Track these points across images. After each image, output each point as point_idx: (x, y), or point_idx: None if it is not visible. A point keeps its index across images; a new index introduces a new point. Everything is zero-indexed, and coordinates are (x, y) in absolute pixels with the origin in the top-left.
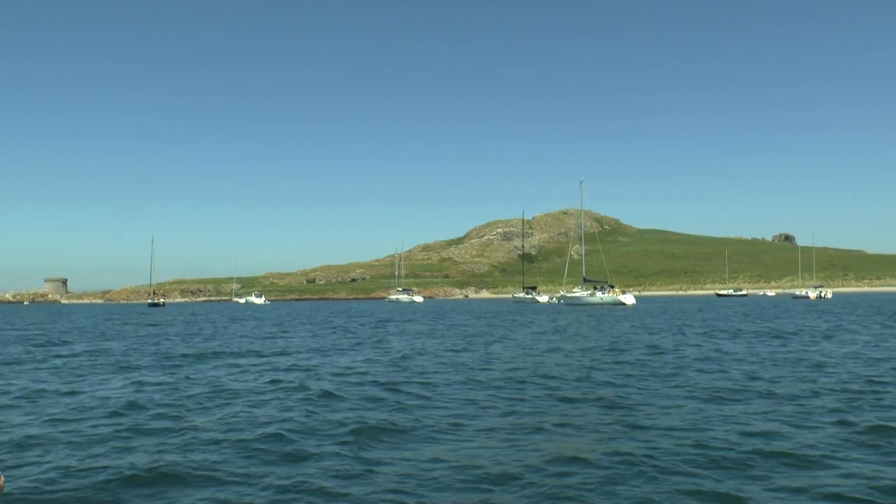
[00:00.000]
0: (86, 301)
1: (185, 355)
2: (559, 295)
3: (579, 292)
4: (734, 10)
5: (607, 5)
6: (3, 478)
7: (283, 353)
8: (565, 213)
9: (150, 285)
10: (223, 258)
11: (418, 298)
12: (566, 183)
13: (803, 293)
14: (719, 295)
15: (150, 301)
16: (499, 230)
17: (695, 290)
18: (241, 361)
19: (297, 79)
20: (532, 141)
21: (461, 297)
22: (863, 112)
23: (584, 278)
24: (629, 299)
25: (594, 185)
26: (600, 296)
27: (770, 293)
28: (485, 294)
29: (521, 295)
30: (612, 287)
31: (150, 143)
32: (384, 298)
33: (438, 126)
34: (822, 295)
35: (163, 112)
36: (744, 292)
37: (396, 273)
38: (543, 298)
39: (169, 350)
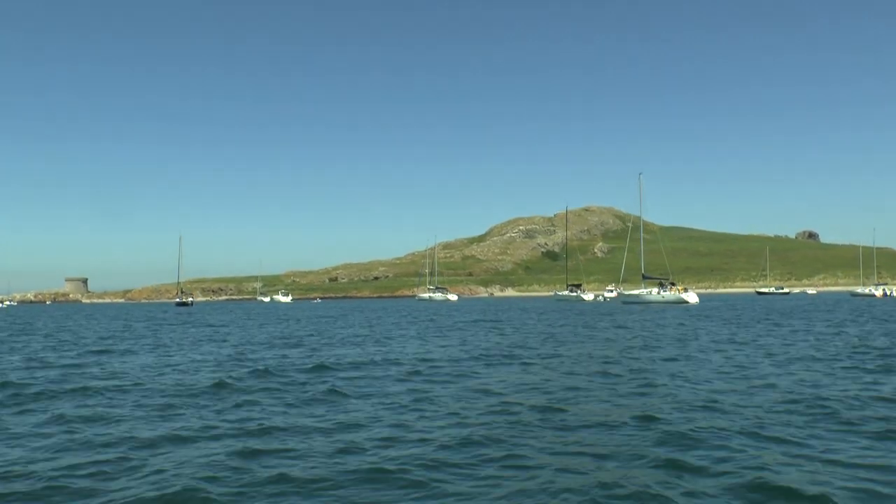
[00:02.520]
0: (107, 300)
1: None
2: (620, 293)
3: (639, 290)
4: (750, 8)
5: (620, 5)
6: None
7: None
8: (587, 210)
9: (178, 284)
10: (242, 257)
11: (452, 297)
12: (587, 180)
13: (866, 291)
14: (759, 293)
15: (177, 300)
16: (521, 227)
17: (724, 287)
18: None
19: (315, 80)
20: (551, 139)
21: (486, 295)
22: (885, 108)
23: (643, 275)
24: (692, 297)
25: (614, 182)
26: (663, 294)
27: (811, 291)
28: (510, 292)
29: (565, 293)
30: (672, 284)
31: (168, 145)
32: (414, 296)
33: (454, 125)
34: (889, 293)
35: (182, 115)
36: (786, 290)
37: (428, 271)
38: (589, 297)
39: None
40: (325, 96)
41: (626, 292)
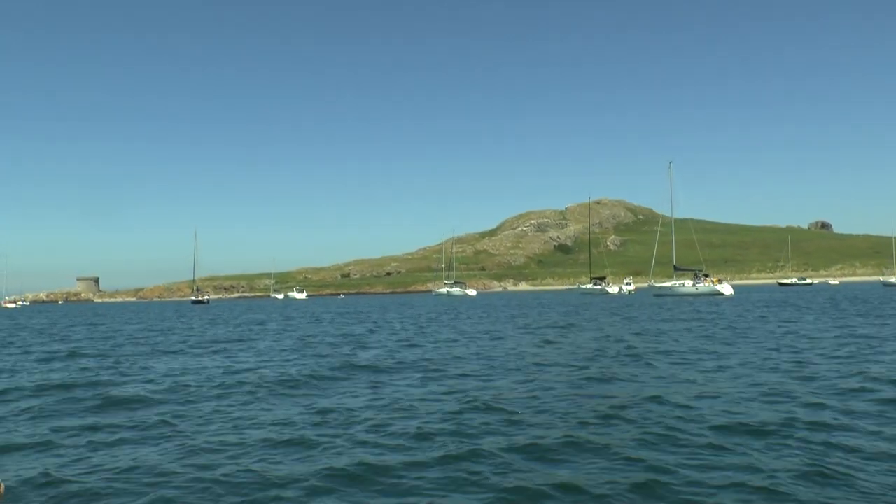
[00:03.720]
0: (119, 299)
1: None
2: (651, 285)
3: (671, 282)
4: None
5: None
6: (2, 485)
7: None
8: (599, 203)
9: (194, 281)
10: (253, 255)
11: (471, 292)
12: (598, 173)
13: None
14: (781, 284)
15: (193, 298)
16: (532, 221)
17: (741, 279)
18: None
19: (326, 78)
20: (562, 132)
21: (500, 289)
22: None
23: (674, 266)
24: (727, 289)
25: (627, 175)
26: (699, 286)
27: (833, 282)
28: (524, 286)
29: (589, 286)
30: (706, 275)
31: (177, 144)
32: (429, 292)
33: (463, 121)
34: None
35: (192, 114)
36: (809, 281)
37: (444, 265)
38: (614, 289)
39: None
40: (337, 94)
41: (658, 284)
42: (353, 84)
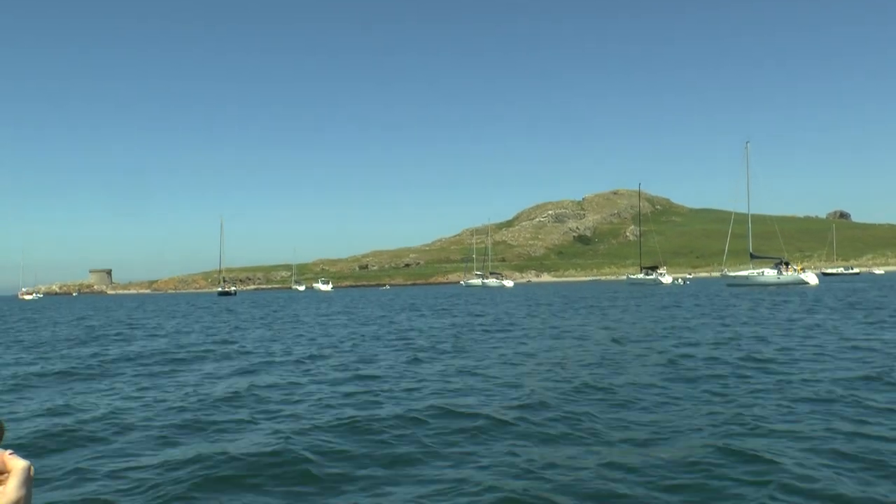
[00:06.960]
0: (132, 291)
1: None
2: (724, 273)
3: (747, 270)
4: None
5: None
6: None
7: None
8: (616, 194)
9: (220, 272)
10: (268, 246)
11: (508, 283)
12: (614, 163)
13: None
14: (826, 274)
15: (220, 290)
16: (550, 212)
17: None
18: None
19: (343, 70)
20: (576, 123)
21: (524, 281)
22: None
23: (751, 255)
24: (812, 279)
25: (642, 166)
26: (784, 275)
27: (878, 271)
28: (546, 277)
29: (640, 276)
30: (786, 264)
31: (191, 136)
32: (458, 283)
33: (478, 111)
34: None
35: (210, 107)
36: (855, 271)
37: (473, 255)
38: (668, 279)
39: None
40: (354, 84)
41: (732, 273)
42: (369, 75)
